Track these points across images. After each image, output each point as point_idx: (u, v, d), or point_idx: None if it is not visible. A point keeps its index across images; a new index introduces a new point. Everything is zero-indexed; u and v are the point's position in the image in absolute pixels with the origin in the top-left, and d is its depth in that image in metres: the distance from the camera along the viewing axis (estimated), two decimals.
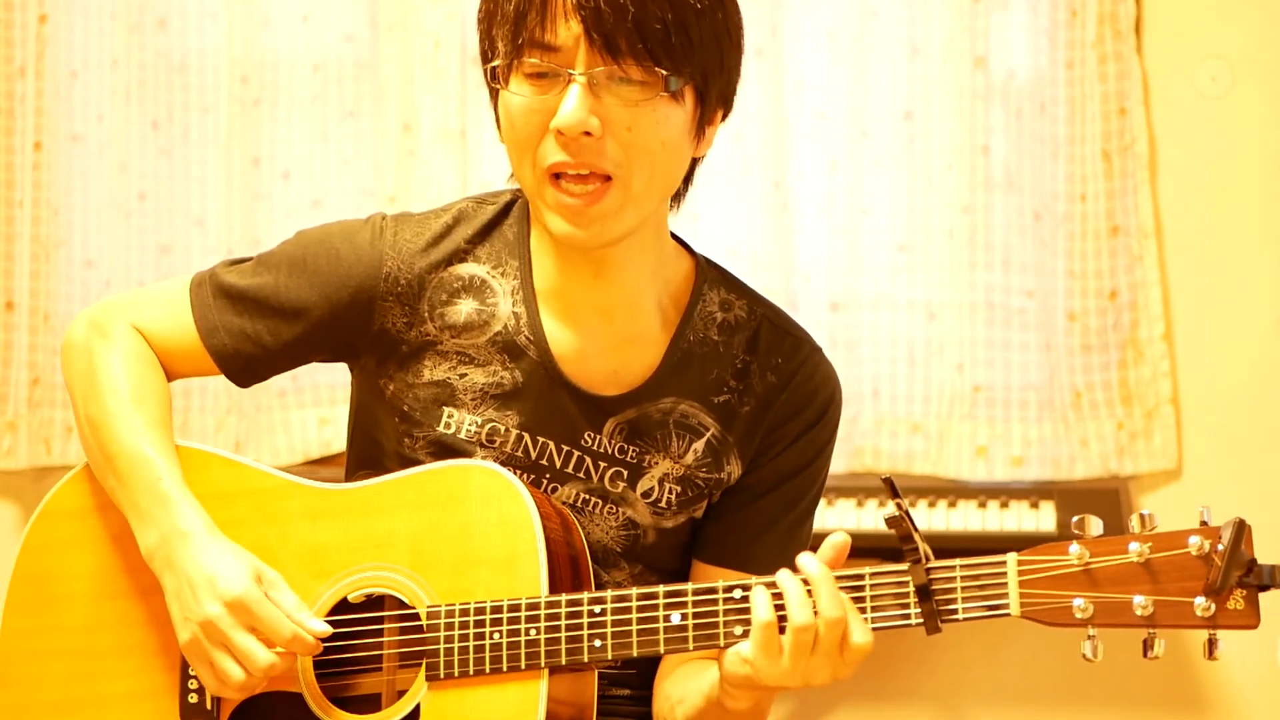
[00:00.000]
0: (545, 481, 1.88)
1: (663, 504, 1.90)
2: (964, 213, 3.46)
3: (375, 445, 1.94)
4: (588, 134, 1.74)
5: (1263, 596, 1.62)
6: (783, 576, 1.69)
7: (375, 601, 1.84)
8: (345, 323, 1.91)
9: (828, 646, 1.66)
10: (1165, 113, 3.44)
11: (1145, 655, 1.63)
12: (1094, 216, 3.42)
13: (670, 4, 1.73)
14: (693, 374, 1.90)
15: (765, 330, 1.93)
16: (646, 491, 1.90)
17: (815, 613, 1.66)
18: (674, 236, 1.95)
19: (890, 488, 1.68)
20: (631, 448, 1.89)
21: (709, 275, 1.95)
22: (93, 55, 3.73)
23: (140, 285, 3.64)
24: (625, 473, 1.89)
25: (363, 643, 1.84)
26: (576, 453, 1.89)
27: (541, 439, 1.88)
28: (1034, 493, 3.36)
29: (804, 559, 1.69)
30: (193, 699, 1.85)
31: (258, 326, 1.92)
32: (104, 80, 3.72)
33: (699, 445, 1.90)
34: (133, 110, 3.70)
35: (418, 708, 1.77)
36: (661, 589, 1.74)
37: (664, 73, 1.74)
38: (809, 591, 1.67)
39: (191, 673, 1.84)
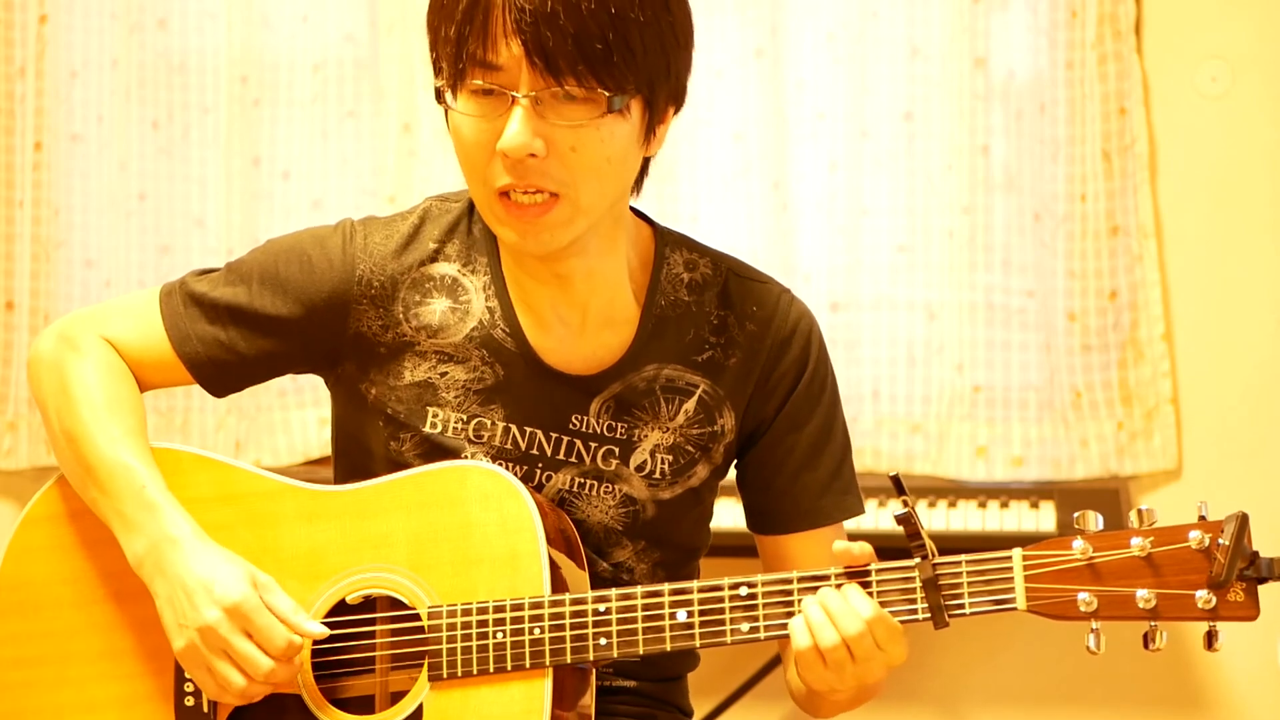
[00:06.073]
0: (539, 471, 1.89)
1: (656, 475, 1.91)
2: (964, 213, 3.46)
3: (364, 453, 1.94)
4: (533, 155, 1.74)
5: (1262, 593, 1.64)
6: (807, 602, 1.72)
7: (373, 603, 1.84)
8: (321, 329, 1.90)
9: (864, 654, 1.70)
10: (1165, 113, 3.44)
11: (1147, 647, 1.65)
12: (1094, 217, 3.42)
13: (611, 21, 1.71)
14: (670, 338, 1.91)
15: (733, 282, 1.95)
16: (640, 465, 1.91)
17: (840, 634, 1.70)
18: (632, 209, 1.94)
19: (897, 485, 1.69)
20: (620, 424, 1.90)
21: (669, 239, 1.95)
22: (93, 55, 3.72)
23: (140, 285, 3.64)
24: (617, 450, 1.90)
25: (361, 644, 1.84)
26: (566, 438, 1.89)
27: (530, 429, 1.89)
28: (1034, 493, 3.35)
29: (824, 592, 1.73)
30: (189, 702, 1.84)
31: (231, 334, 1.91)
32: (104, 80, 3.72)
33: (689, 404, 1.91)
34: (133, 110, 3.70)
35: (420, 707, 1.77)
36: (667, 586, 1.76)
37: (607, 93, 1.74)
38: (828, 611, 1.71)
39: (188, 677, 1.84)
